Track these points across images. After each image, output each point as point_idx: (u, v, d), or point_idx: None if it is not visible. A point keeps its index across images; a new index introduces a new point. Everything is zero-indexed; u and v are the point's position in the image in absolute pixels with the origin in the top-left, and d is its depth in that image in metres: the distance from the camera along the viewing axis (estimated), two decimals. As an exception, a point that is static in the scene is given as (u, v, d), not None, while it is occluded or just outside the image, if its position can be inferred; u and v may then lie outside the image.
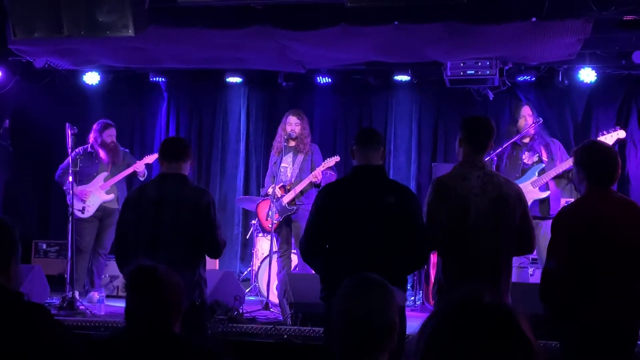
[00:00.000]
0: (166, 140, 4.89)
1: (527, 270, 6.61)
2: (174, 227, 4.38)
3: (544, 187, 6.53)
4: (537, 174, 6.53)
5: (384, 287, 2.40)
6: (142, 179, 7.41)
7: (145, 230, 4.41)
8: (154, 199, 4.47)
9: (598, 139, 6.43)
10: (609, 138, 6.43)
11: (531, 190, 6.40)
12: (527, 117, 6.78)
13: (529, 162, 6.66)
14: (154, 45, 6.70)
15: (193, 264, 4.40)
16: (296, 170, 7.15)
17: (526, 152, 6.70)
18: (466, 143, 4.17)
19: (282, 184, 7.15)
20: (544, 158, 6.61)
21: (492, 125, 4.29)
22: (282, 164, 7.19)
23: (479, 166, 4.12)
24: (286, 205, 7.07)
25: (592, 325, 3.55)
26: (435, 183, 4.17)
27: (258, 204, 7.45)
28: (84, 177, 7.28)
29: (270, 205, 7.09)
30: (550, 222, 6.34)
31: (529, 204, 6.47)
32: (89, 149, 7.36)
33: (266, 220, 7.23)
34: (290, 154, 7.22)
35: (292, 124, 7.21)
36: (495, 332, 1.27)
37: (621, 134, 6.51)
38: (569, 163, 6.45)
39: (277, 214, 7.09)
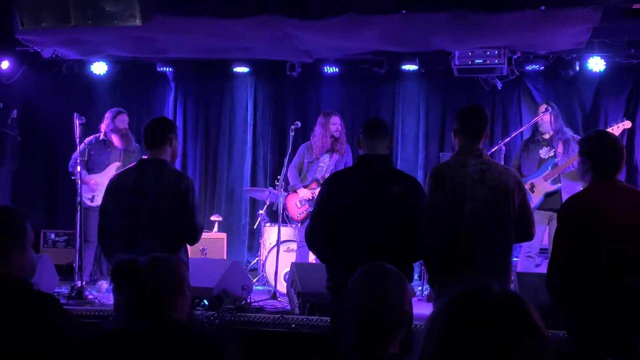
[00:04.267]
0: (145, 128, 4.70)
1: (534, 260, 6.63)
2: (153, 214, 4.35)
3: (555, 181, 6.60)
4: (550, 168, 6.61)
5: (400, 278, 2.40)
6: None
7: (124, 218, 4.39)
8: (132, 186, 4.44)
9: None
10: (616, 130, 6.50)
11: (543, 183, 6.48)
12: (544, 118, 6.78)
13: (546, 157, 6.71)
14: (161, 34, 6.70)
15: (172, 250, 4.37)
16: (331, 168, 7.26)
17: (544, 148, 6.74)
18: (461, 133, 4.20)
19: (315, 179, 7.26)
20: (559, 152, 6.65)
21: (486, 114, 4.32)
22: (320, 164, 7.35)
23: (476, 155, 4.13)
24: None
25: (598, 315, 3.54)
26: (433, 171, 4.19)
27: (286, 198, 7.48)
28: (95, 166, 7.31)
29: (278, 196, 7.11)
30: None
31: (540, 197, 6.52)
32: (101, 137, 7.39)
33: (298, 208, 7.37)
34: (328, 154, 7.39)
35: (337, 123, 7.39)
36: (507, 322, 1.27)
37: (627, 124, 6.58)
38: (576, 157, 6.46)
39: (307, 205, 7.26)
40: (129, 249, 4.18)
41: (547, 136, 6.81)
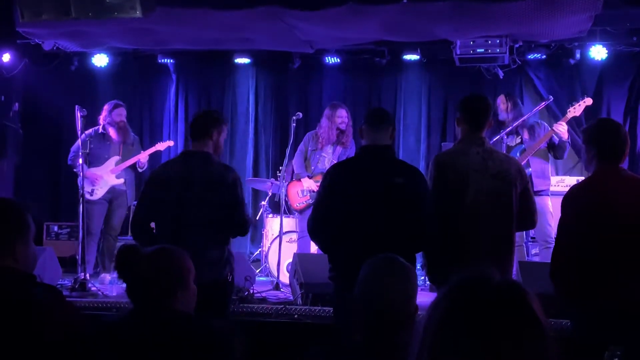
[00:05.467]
0: (193, 118, 4.76)
1: (523, 249, 6.62)
2: (200, 206, 4.31)
3: (525, 167, 6.51)
4: (518, 155, 6.52)
5: (405, 268, 2.40)
6: (140, 170, 7.44)
7: (171, 210, 4.33)
8: (179, 178, 4.37)
9: (568, 111, 6.42)
10: (578, 108, 6.43)
11: None
12: (500, 106, 6.75)
13: (512, 144, 6.64)
14: (162, 26, 6.68)
15: (221, 242, 4.37)
16: (334, 160, 7.21)
17: (510, 136, 6.65)
18: (464, 122, 4.19)
19: (321, 171, 7.23)
20: (526, 137, 6.57)
21: (489, 103, 4.32)
22: (322, 154, 7.32)
23: (478, 143, 4.13)
24: None
25: (602, 304, 3.53)
26: (435, 161, 4.20)
27: (288, 185, 7.46)
28: (95, 159, 7.30)
29: (280, 187, 7.10)
30: (538, 199, 6.35)
31: None
32: (100, 130, 7.38)
33: (299, 197, 7.34)
34: (331, 145, 7.35)
35: (343, 116, 7.33)
36: (507, 312, 1.27)
37: (588, 101, 6.50)
38: (545, 138, 6.40)
39: (309, 196, 7.23)
40: (176, 241, 4.10)
41: (507, 122, 6.65)
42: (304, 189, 7.34)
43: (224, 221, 4.36)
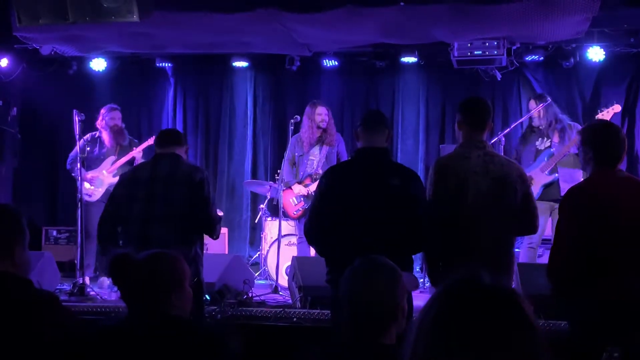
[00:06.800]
0: (160, 131, 5.10)
1: (535, 251, 6.60)
2: (168, 204, 4.46)
3: (552, 171, 6.53)
4: (546, 159, 6.53)
5: (388, 270, 2.41)
6: None
7: (138, 207, 4.48)
8: (147, 176, 4.56)
9: (597, 117, 6.42)
10: (606, 114, 6.42)
11: (539, 175, 6.43)
12: (534, 115, 6.74)
13: (542, 148, 6.64)
14: (159, 30, 6.68)
15: (188, 241, 4.46)
16: (322, 161, 7.17)
17: (540, 139, 6.66)
18: (465, 124, 4.19)
19: (308, 174, 7.19)
20: (555, 141, 6.57)
21: (489, 106, 4.34)
22: (310, 157, 7.24)
23: (479, 146, 4.13)
24: (312, 193, 7.11)
25: (599, 304, 3.53)
26: (436, 164, 4.21)
27: (282, 193, 7.43)
28: (92, 163, 7.32)
29: (278, 190, 7.10)
30: None
31: (539, 189, 6.44)
32: (97, 134, 7.40)
33: (294, 205, 7.28)
34: (317, 146, 7.27)
35: (322, 114, 7.25)
36: (496, 314, 1.27)
37: (617, 108, 6.50)
38: (572, 144, 6.41)
39: (303, 202, 7.18)
40: (143, 237, 4.29)
41: (542, 126, 6.74)
42: (296, 195, 7.27)
43: (189, 218, 4.47)
